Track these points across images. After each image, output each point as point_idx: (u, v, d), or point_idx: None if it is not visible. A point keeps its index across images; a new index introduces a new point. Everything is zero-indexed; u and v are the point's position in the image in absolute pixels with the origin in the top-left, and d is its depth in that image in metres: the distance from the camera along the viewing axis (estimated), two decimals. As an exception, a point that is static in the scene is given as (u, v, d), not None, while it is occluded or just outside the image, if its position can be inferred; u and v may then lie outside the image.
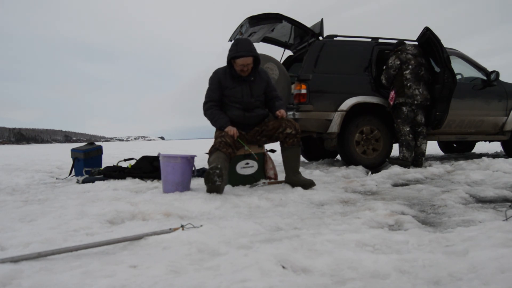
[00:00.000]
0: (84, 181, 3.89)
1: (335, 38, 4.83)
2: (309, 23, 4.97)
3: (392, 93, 4.56)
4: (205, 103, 3.24)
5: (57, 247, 1.57)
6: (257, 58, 3.18)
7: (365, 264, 1.33)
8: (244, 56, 3.05)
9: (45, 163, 7.38)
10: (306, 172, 4.13)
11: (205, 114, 3.25)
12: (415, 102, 4.46)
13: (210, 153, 3.04)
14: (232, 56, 3.08)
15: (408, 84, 4.48)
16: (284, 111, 3.24)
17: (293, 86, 4.57)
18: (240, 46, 3.06)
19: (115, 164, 4.41)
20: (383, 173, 3.95)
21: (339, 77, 4.66)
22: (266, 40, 5.36)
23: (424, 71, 4.54)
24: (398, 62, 4.55)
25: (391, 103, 4.57)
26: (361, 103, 4.64)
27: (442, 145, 7.63)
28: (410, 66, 4.50)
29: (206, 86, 3.31)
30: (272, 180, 3.43)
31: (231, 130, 3.08)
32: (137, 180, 3.81)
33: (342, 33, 5.16)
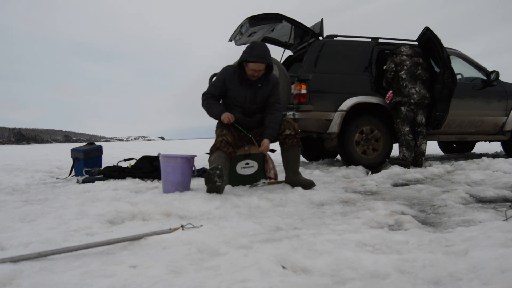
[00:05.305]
0: (84, 181, 3.89)
1: (335, 38, 4.83)
2: (311, 23, 4.97)
3: (389, 92, 4.58)
4: (203, 95, 3.22)
5: (57, 247, 1.57)
6: (270, 66, 3.10)
7: (365, 264, 1.33)
8: (257, 62, 2.98)
9: (45, 163, 7.38)
10: (306, 172, 4.13)
11: (202, 105, 3.22)
12: (412, 100, 4.47)
13: (211, 152, 3.03)
14: (245, 59, 3.02)
15: (404, 84, 4.50)
16: (267, 142, 3.07)
17: (293, 86, 4.57)
18: (255, 51, 2.98)
19: (115, 164, 4.41)
20: (383, 173, 3.95)
21: (339, 77, 4.66)
22: (266, 40, 5.35)
23: (421, 70, 4.55)
24: (393, 65, 4.61)
25: (387, 101, 4.59)
26: (361, 103, 4.64)
27: (442, 145, 7.63)
28: (404, 67, 4.52)
29: (207, 86, 3.30)
30: (272, 180, 3.43)
31: (226, 117, 3.05)
32: (137, 180, 3.81)
33: (345, 33, 5.16)
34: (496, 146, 8.16)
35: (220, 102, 3.28)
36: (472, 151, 7.46)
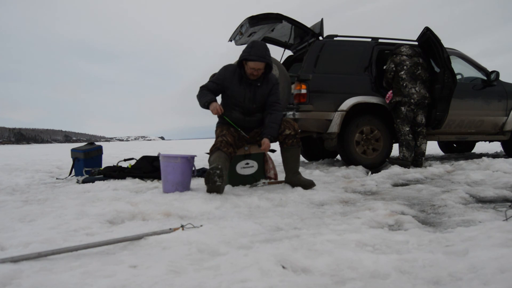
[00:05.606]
0: (84, 181, 3.89)
1: (335, 38, 4.83)
2: (311, 23, 4.97)
3: (389, 92, 4.59)
4: (200, 87, 3.20)
5: (57, 247, 1.57)
6: (269, 65, 3.11)
7: (365, 264, 1.33)
8: (256, 61, 2.99)
9: (45, 163, 7.38)
10: (306, 172, 4.13)
11: (196, 96, 3.21)
12: (412, 100, 4.47)
13: (211, 152, 3.03)
14: (244, 58, 3.02)
15: (404, 84, 4.50)
16: (268, 141, 3.08)
17: (293, 86, 4.57)
18: (255, 49, 2.99)
19: (115, 164, 4.41)
20: (383, 173, 3.95)
21: (339, 77, 4.66)
22: (266, 40, 5.36)
23: (421, 70, 4.55)
24: (393, 65, 4.61)
25: (387, 101, 4.59)
26: (361, 103, 4.65)
27: (442, 145, 7.63)
28: (404, 67, 4.52)
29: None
30: (272, 180, 3.43)
31: (215, 107, 3.05)
32: (137, 180, 3.81)
33: (345, 33, 5.17)
34: (496, 146, 8.17)
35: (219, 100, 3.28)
36: (472, 151, 7.46)
